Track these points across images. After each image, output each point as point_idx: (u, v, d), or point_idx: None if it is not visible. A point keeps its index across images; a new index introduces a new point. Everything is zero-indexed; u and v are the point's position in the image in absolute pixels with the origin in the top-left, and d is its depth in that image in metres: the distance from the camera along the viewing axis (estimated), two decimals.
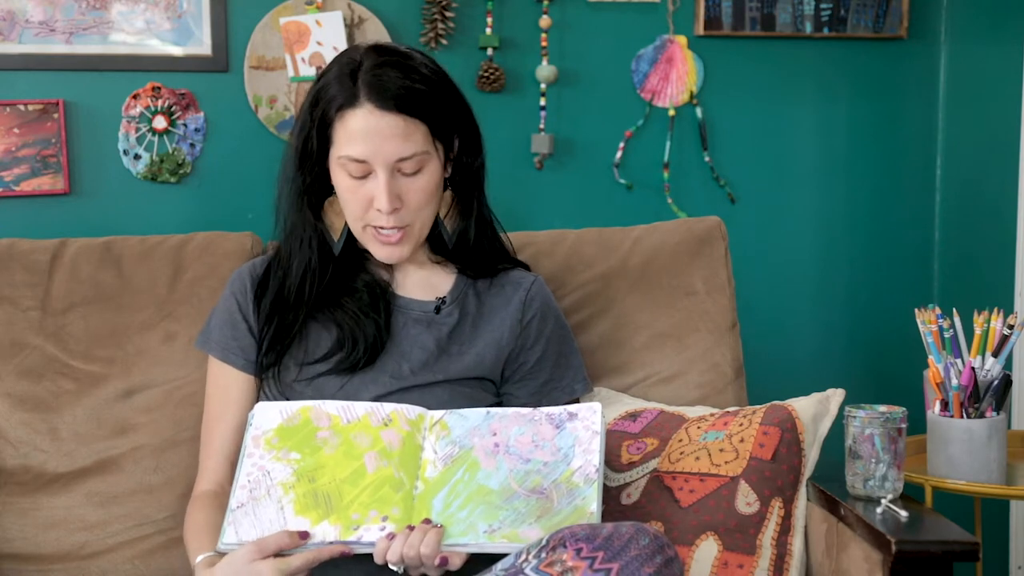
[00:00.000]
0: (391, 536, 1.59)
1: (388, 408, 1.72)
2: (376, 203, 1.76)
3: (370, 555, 1.60)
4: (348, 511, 1.63)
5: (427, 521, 1.60)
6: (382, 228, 1.78)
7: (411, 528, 1.59)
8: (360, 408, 1.71)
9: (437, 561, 1.58)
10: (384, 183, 1.74)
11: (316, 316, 1.83)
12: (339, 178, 1.78)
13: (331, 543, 1.61)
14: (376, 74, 1.75)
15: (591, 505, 1.60)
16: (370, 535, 1.61)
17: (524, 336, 1.88)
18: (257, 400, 1.87)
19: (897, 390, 2.51)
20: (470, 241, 1.89)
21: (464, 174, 1.86)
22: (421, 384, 1.81)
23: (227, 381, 1.87)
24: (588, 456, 1.65)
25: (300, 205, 1.83)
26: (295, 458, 1.68)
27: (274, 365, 1.83)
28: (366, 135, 1.74)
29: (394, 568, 1.59)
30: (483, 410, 1.72)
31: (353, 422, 1.70)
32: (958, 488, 2.02)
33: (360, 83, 1.74)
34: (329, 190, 1.84)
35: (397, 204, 1.76)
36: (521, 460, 1.66)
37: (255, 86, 2.41)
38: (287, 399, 1.80)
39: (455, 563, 1.59)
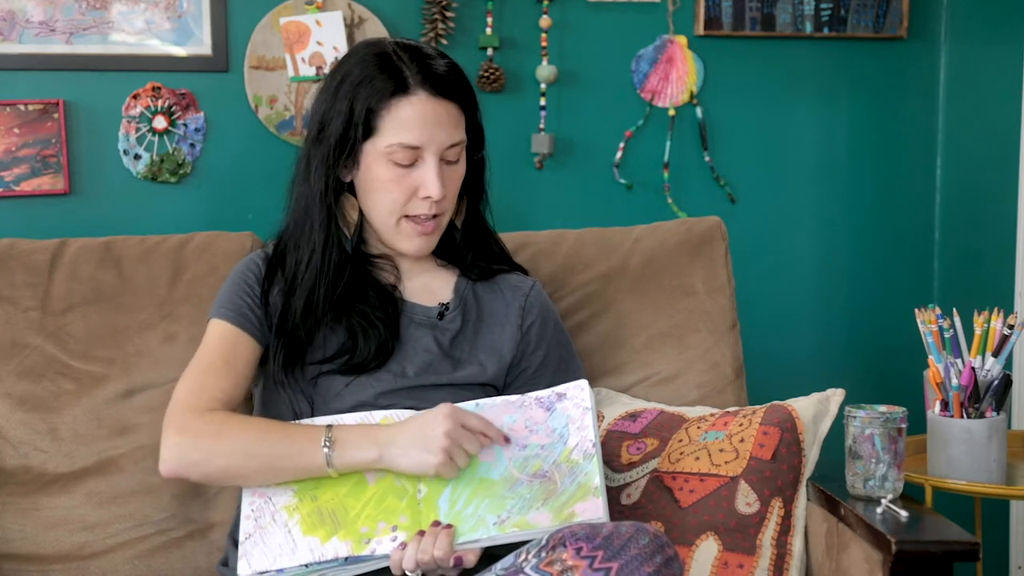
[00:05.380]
0: (403, 545, 1.59)
1: (378, 416, 1.72)
2: (426, 190, 1.76)
3: (387, 568, 1.61)
4: (356, 525, 1.63)
5: (436, 523, 1.61)
6: (420, 217, 1.79)
7: (421, 533, 1.60)
8: (350, 420, 1.71)
9: (452, 562, 1.58)
10: (435, 169, 1.76)
11: (326, 319, 1.82)
12: (381, 168, 1.77)
13: (346, 557, 1.61)
14: (425, 63, 1.77)
15: (594, 480, 1.61)
16: (383, 547, 1.61)
17: (525, 342, 1.89)
18: (258, 374, 1.85)
19: (897, 390, 2.50)
20: (475, 240, 1.90)
21: (470, 169, 1.87)
22: (425, 385, 1.81)
23: (237, 341, 1.80)
24: (583, 432, 1.65)
25: (328, 202, 1.80)
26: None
27: (292, 370, 1.80)
28: (422, 122, 1.75)
29: (411, 575, 1.60)
30: (472, 403, 1.71)
31: None
32: (958, 488, 2.02)
33: (408, 71, 1.75)
34: (340, 188, 1.83)
35: (445, 191, 1.77)
36: (518, 447, 1.66)
37: (255, 86, 2.41)
38: (292, 398, 1.80)
39: (470, 560, 1.60)
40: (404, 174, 1.77)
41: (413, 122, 1.75)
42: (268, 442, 1.67)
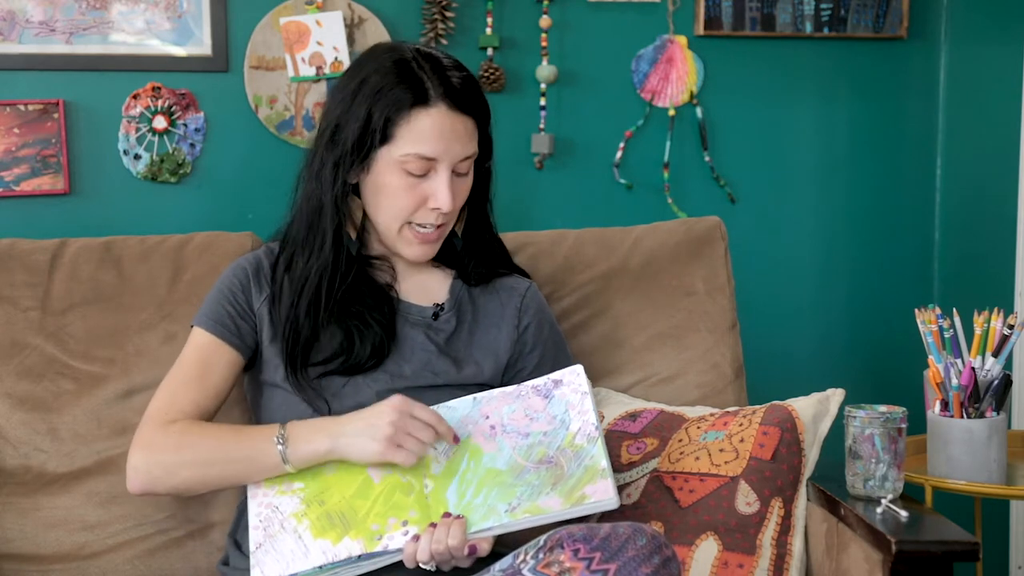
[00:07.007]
0: (416, 538, 1.60)
1: None
2: (435, 201, 1.77)
3: (397, 564, 1.61)
4: (366, 523, 1.64)
5: (447, 514, 1.62)
6: (424, 226, 1.80)
7: (434, 525, 1.60)
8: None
9: (466, 551, 1.59)
10: (446, 181, 1.77)
11: (326, 320, 1.83)
12: (393, 176, 1.77)
13: (359, 555, 1.62)
14: (445, 75, 1.77)
15: (600, 462, 1.62)
16: (395, 542, 1.61)
17: (521, 343, 1.89)
18: (242, 382, 1.87)
19: (897, 390, 2.50)
20: (475, 246, 1.91)
21: (478, 177, 1.88)
22: (422, 386, 1.81)
23: (214, 351, 1.82)
24: (584, 417, 1.66)
25: (339, 204, 1.81)
26: (299, 487, 1.69)
27: (296, 373, 1.81)
28: (440, 134, 1.76)
29: (426, 567, 1.60)
30: (469, 398, 1.73)
31: None
32: (958, 488, 2.02)
33: (429, 83, 1.76)
34: (347, 190, 1.82)
35: (454, 203, 1.79)
36: (520, 435, 1.67)
37: (255, 86, 2.41)
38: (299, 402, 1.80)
39: (484, 548, 1.61)
40: (415, 183, 1.78)
41: (430, 134, 1.75)
42: (225, 448, 1.70)
